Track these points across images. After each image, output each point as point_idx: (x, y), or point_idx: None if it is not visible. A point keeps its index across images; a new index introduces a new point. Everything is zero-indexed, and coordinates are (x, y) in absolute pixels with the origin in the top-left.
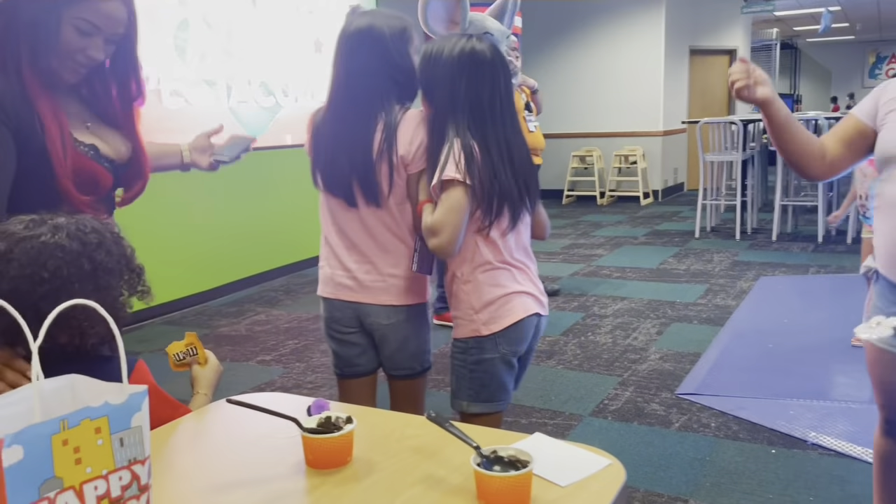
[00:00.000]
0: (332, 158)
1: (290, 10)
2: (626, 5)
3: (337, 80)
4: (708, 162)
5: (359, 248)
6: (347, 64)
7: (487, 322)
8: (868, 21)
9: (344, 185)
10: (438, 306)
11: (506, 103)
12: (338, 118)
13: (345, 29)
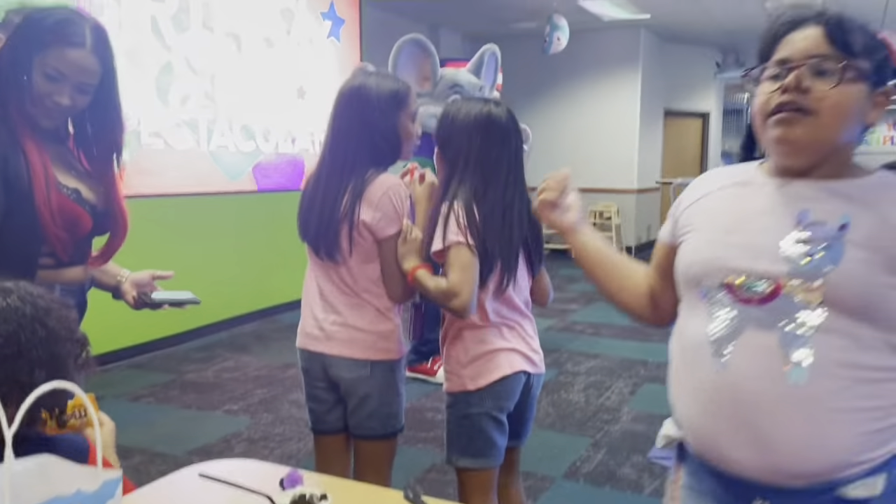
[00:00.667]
0: (307, 213)
1: (275, 56)
2: (605, 67)
3: (326, 137)
4: None
5: (327, 298)
6: (334, 122)
7: (473, 377)
8: None
9: (316, 237)
10: (412, 358)
11: (513, 167)
12: (318, 175)
13: (342, 87)
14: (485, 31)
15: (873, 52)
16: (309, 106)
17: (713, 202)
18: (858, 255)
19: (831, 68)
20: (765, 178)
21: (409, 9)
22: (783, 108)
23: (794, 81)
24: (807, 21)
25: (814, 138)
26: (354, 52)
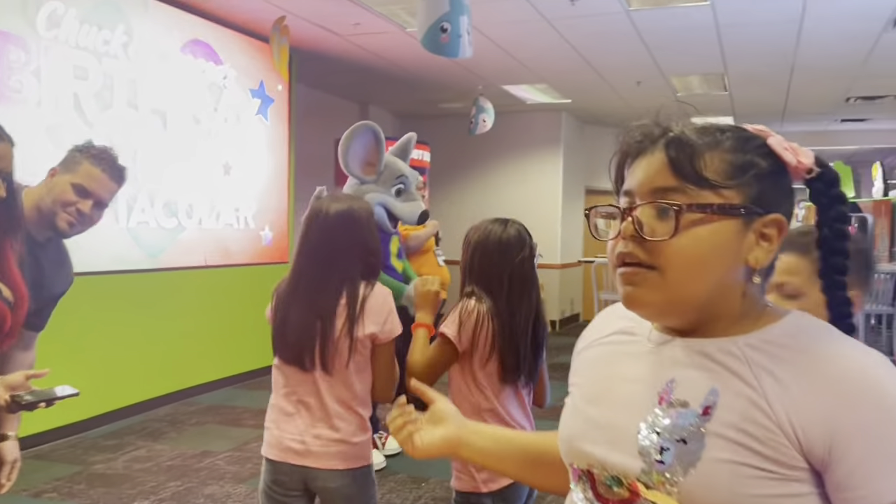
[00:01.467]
0: (293, 325)
1: (201, 134)
2: (529, 146)
3: (307, 255)
4: (603, 299)
5: (311, 411)
6: (327, 242)
7: (486, 481)
8: None
9: (303, 349)
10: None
11: (517, 279)
12: (303, 288)
13: (322, 210)
14: (414, 110)
15: (745, 170)
16: (235, 182)
17: (594, 353)
18: (722, 452)
19: (671, 208)
20: (651, 328)
21: (339, 87)
22: (624, 260)
23: (627, 229)
24: (652, 142)
25: (664, 298)
26: (283, 128)
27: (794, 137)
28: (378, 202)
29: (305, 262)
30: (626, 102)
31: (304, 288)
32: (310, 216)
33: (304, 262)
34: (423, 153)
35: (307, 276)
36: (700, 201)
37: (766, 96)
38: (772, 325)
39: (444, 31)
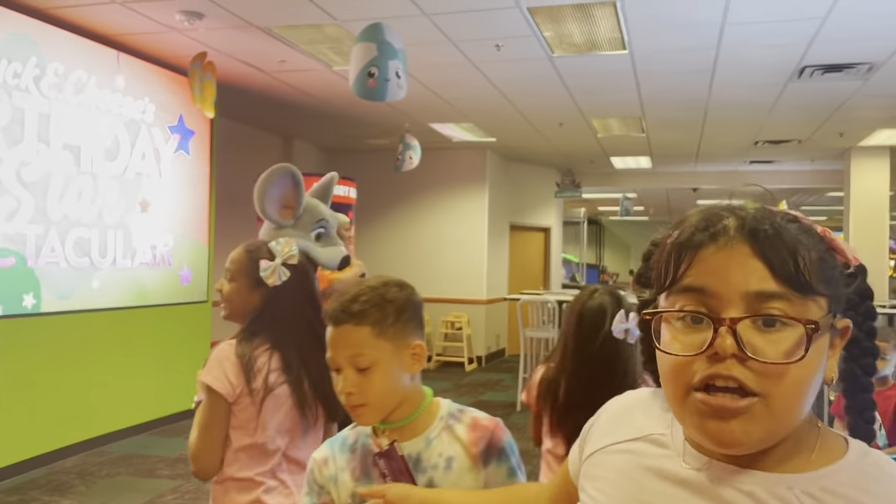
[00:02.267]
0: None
1: (116, 170)
2: (455, 183)
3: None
4: (528, 337)
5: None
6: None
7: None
8: (659, 207)
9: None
10: None
11: (605, 351)
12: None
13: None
14: (340, 145)
15: (828, 272)
16: (152, 219)
17: (615, 463)
18: None
19: (783, 320)
20: (683, 441)
21: (263, 121)
22: (714, 385)
23: (729, 346)
24: (725, 229)
25: (766, 433)
26: (204, 164)
27: (708, 177)
28: (304, 245)
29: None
30: (548, 142)
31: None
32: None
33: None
34: (349, 189)
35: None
36: (808, 313)
37: (681, 139)
38: (833, 465)
39: (371, 75)
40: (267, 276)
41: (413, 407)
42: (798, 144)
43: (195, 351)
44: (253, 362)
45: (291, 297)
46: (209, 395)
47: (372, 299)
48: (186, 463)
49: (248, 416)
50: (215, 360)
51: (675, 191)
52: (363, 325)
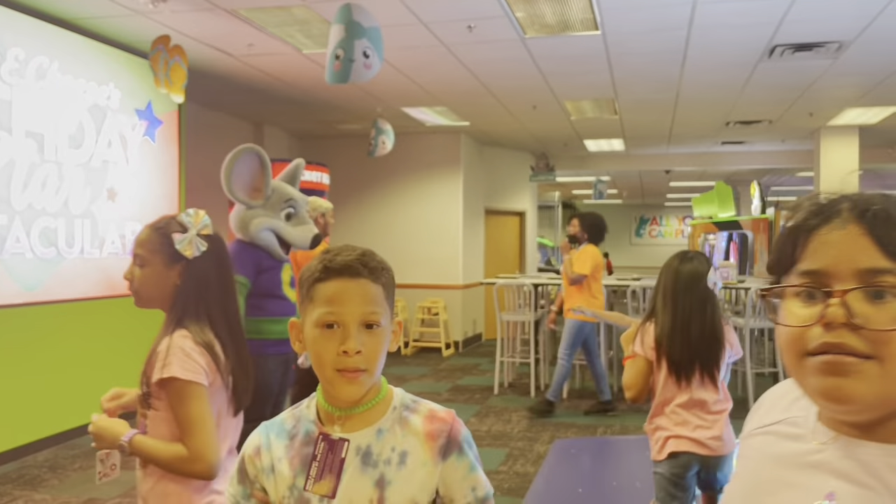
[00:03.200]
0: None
1: (82, 158)
2: (428, 168)
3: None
4: (505, 321)
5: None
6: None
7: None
8: (633, 190)
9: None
10: None
11: (698, 295)
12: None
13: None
14: (311, 130)
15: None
16: (120, 208)
17: (755, 443)
18: None
19: (893, 291)
20: (815, 419)
21: (233, 106)
22: (829, 350)
23: (837, 315)
24: (837, 214)
25: (879, 393)
26: (172, 150)
27: (680, 159)
28: (266, 227)
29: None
30: (522, 125)
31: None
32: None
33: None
34: (322, 175)
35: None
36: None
37: (654, 121)
38: None
39: (337, 58)
40: (183, 248)
41: (374, 393)
42: (769, 125)
43: None
44: (213, 346)
45: (215, 270)
46: (192, 390)
47: (381, 262)
48: None
49: (217, 404)
50: (181, 355)
51: (649, 173)
52: (378, 283)
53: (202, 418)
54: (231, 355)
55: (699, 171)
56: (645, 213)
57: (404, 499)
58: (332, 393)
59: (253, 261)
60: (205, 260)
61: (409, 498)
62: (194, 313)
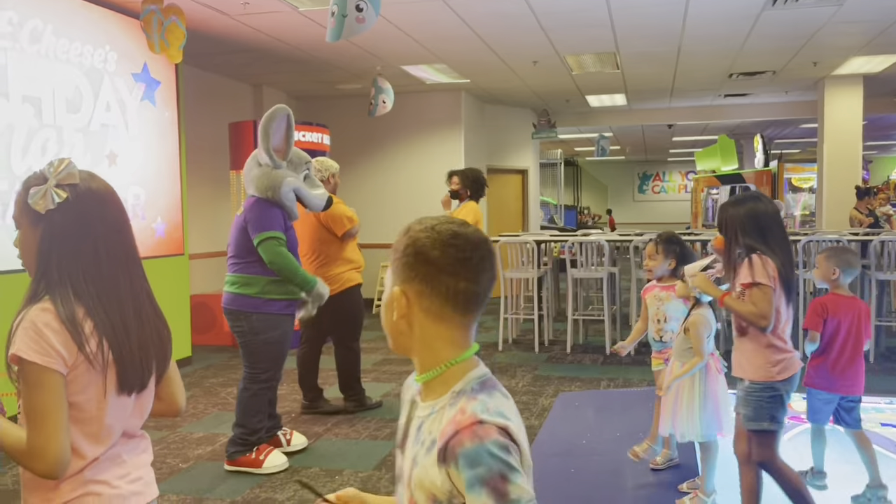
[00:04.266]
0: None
1: (80, 122)
2: (429, 126)
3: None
4: (507, 278)
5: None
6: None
7: (780, 371)
8: (635, 145)
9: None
10: (231, 450)
11: (775, 231)
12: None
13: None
14: (310, 90)
15: None
16: (121, 172)
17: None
18: None
19: None
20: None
21: (231, 68)
22: None
23: None
24: None
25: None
26: (171, 113)
27: (683, 113)
28: (293, 188)
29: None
30: (523, 82)
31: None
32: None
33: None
34: (322, 136)
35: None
36: None
37: (656, 74)
38: None
39: (332, 14)
40: (35, 202)
41: (427, 367)
42: (772, 76)
43: (175, 304)
44: (82, 323)
45: (79, 227)
46: (38, 376)
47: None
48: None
49: (82, 387)
50: (32, 332)
51: (651, 128)
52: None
53: (45, 410)
54: (110, 328)
55: (702, 124)
56: (648, 168)
57: (423, 487)
58: None
59: (281, 216)
60: (65, 215)
61: (426, 488)
62: (57, 280)
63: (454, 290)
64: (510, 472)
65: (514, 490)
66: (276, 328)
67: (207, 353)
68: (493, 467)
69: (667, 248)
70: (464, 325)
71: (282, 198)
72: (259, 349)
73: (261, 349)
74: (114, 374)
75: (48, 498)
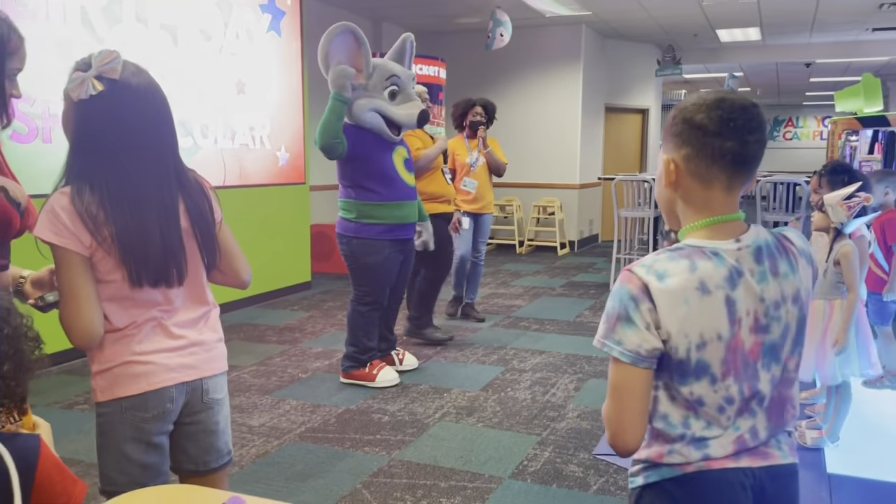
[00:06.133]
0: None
1: (212, 50)
2: (547, 62)
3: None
4: (622, 217)
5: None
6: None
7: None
8: (768, 87)
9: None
10: (346, 364)
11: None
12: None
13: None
14: (428, 25)
15: None
16: (248, 100)
17: None
18: None
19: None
20: None
21: (351, 2)
22: None
23: None
24: None
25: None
26: (295, 45)
27: (823, 49)
28: (371, 108)
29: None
30: (648, 13)
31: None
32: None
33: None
34: (439, 70)
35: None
36: None
37: (795, 3)
38: None
39: None
40: (72, 89)
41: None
42: None
43: (296, 231)
44: (94, 210)
45: (106, 119)
46: (59, 254)
47: None
48: (292, 331)
49: (109, 269)
50: (51, 214)
51: (786, 67)
52: None
53: (70, 286)
54: (122, 222)
55: (844, 63)
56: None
57: None
58: None
59: (360, 141)
60: (96, 107)
61: None
62: (78, 169)
63: (720, 149)
64: (625, 320)
65: (619, 332)
66: (375, 253)
67: (326, 279)
68: (615, 307)
69: (832, 179)
70: (730, 189)
71: (360, 121)
72: (360, 272)
73: (362, 272)
74: (125, 267)
75: (98, 364)
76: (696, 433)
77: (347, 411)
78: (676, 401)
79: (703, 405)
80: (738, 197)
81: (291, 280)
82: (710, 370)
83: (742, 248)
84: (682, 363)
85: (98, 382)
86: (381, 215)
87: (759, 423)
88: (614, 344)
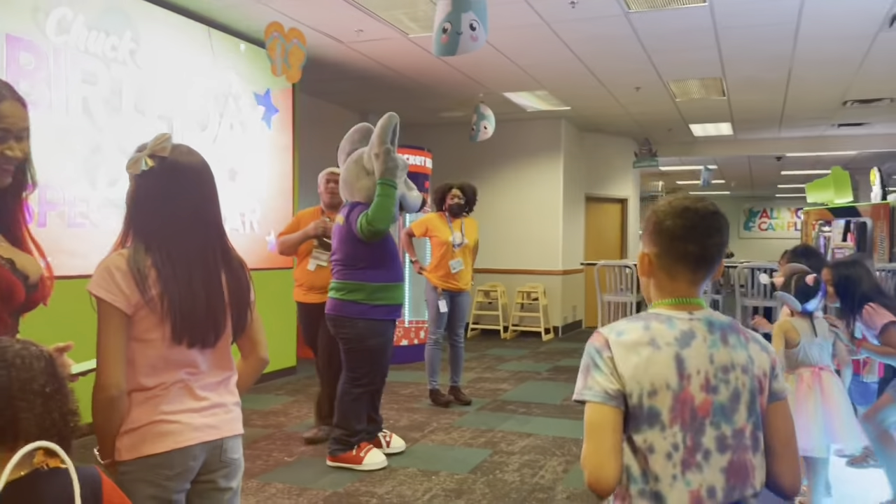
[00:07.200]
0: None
1: (206, 140)
2: (529, 153)
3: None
4: (605, 301)
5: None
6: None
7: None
8: (741, 179)
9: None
10: (334, 448)
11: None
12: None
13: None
14: (414, 119)
15: None
16: (240, 188)
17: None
18: None
19: None
20: None
21: (339, 95)
22: None
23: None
24: None
25: None
26: (287, 135)
27: (793, 143)
28: (400, 194)
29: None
30: (625, 109)
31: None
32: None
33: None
34: (426, 160)
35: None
36: None
37: (764, 102)
38: None
39: (444, 31)
40: (129, 166)
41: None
42: (891, 103)
43: (282, 316)
44: (146, 271)
45: (160, 191)
46: (103, 309)
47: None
48: (276, 415)
49: (149, 328)
50: (104, 272)
51: (758, 160)
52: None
53: (105, 343)
54: (173, 283)
55: (813, 157)
56: (754, 205)
57: None
58: None
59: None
60: (150, 181)
61: None
62: (134, 234)
63: (684, 251)
64: (593, 367)
65: (590, 380)
66: (381, 334)
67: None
68: (586, 359)
69: (792, 258)
70: (693, 282)
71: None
72: (361, 355)
73: (363, 355)
74: (169, 324)
75: (125, 424)
76: (652, 487)
77: (335, 494)
78: (637, 454)
79: (653, 452)
80: (701, 288)
81: (276, 365)
82: (660, 417)
83: (694, 320)
84: (636, 409)
85: (123, 442)
86: (388, 296)
87: (715, 482)
88: (587, 391)
